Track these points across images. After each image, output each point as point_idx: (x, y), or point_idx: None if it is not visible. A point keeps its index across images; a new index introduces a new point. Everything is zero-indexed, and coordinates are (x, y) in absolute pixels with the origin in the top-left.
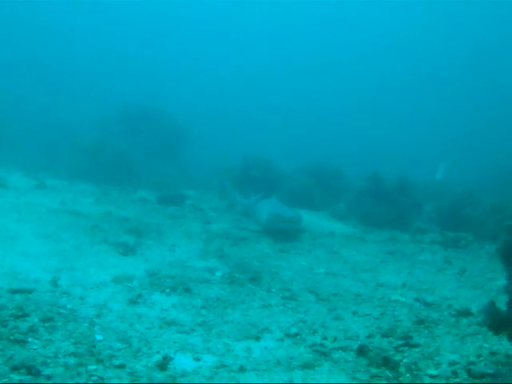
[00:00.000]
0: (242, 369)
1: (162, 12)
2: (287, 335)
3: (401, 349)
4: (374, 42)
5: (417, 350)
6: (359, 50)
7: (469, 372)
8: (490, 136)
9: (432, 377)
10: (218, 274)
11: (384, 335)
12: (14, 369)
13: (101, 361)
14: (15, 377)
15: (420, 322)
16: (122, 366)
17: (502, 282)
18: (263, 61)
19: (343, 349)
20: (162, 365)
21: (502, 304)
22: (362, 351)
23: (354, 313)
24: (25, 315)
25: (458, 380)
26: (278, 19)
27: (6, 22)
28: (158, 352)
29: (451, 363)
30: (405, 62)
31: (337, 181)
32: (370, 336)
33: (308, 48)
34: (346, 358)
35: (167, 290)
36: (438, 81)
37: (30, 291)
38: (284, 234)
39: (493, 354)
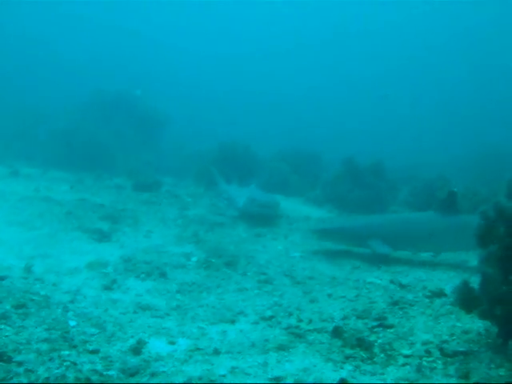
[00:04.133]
0: (216, 352)
1: None
2: (262, 318)
3: (375, 330)
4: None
5: (391, 330)
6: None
7: (441, 351)
8: (467, 123)
9: (406, 356)
10: (194, 259)
11: (359, 317)
12: None
13: (74, 346)
14: None
15: (395, 303)
16: (95, 352)
17: (475, 264)
18: (245, 45)
19: (318, 331)
20: (136, 349)
21: (474, 285)
22: (336, 333)
23: (330, 295)
24: None
25: (431, 359)
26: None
27: None
28: (132, 337)
29: (425, 343)
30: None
31: (313, 166)
32: (345, 318)
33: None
34: (320, 339)
35: (142, 276)
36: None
37: (2, 278)
38: (260, 218)
39: (465, 332)
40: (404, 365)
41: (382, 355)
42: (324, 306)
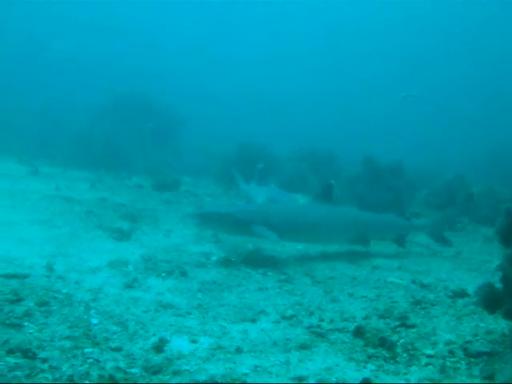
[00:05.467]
0: (238, 350)
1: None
2: (284, 317)
3: (397, 329)
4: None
5: (413, 330)
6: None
7: (465, 351)
8: (482, 123)
9: (429, 356)
10: (214, 258)
11: (381, 316)
12: (10, 352)
13: (97, 344)
14: (11, 360)
15: (416, 302)
16: (118, 349)
17: (497, 263)
18: (258, 45)
19: (340, 330)
20: (159, 347)
21: (497, 285)
22: (358, 332)
23: (351, 295)
24: (20, 299)
25: (454, 359)
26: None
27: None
28: (154, 335)
29: (448, 343)
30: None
31: (330, 165)
32: (366, 317)
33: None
34: (342, 339)
35: (163, 274)
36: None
37: (25, 276)
38: None
39: (489, 332)
40: (427, 365)
41: (405, 355)
42: (345, 306)
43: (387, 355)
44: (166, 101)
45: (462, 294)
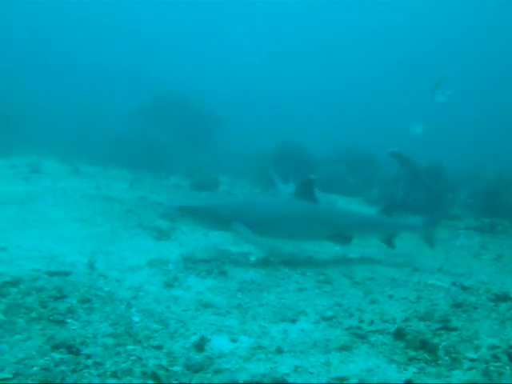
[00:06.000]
0: (279, 350)
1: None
2: (323, 318)
3: (439, 332)
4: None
5: (455, 333)
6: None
7: (510, 356)
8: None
9: (471, 360)
10: (253, 258)
11: (421, 319)
12: (55, 347)
13: (139, 341)
14: (56, 355)
15: (458, 305)
16: (159, 347)
17: None
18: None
19: (380, 332)
20: (199, 346)
21: None
22: (399, 334)
23: (390, 296)
24: (63, 296)
25: (498, 364)
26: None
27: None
28: (194, 333)
29: (491, 347)
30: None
31: (369, 166)
32: (406, 319)
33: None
34: (383, 340)
35: (202, 274)
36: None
37: (67, 273)
38: None
39: None
40: (470, 368)
41: (447, 358)
42: (385, 308)
43: (429, 358)
44: (203, 101)
45: (504, 297)
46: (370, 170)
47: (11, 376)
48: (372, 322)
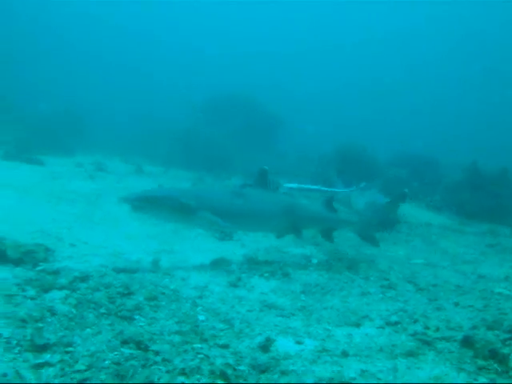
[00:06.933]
0: (344, 354)
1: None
2: (388, 323)
3: (508, 342)
4: None
5: None
6: None
7: None
8: None
9: None
10: (315, 260)
11: (489, 327)
12: (124, 343)
13: (205, 340)
14: (126, 350)
15: None
16: (225, 346)
17: None
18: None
19: (446, 339)
20: (265, 347)
21: None
22: (467, 342)
23: (456, 304)
24: (130, 293)
25: None
26: None
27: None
28: (259, 334)
29: None
30: None
31: (431, 171)
32: (474, 327)
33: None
34: (449, 348)
35: (266, 275)
36: None
37: (133, 271)
38: (380, 223)
39: None
40: None
41: None
42: (451, 315)
43: (499, 369)
44: (263, 101)
45: None
46: (433, 175)
47: (85, 368)
48: (438, 329)
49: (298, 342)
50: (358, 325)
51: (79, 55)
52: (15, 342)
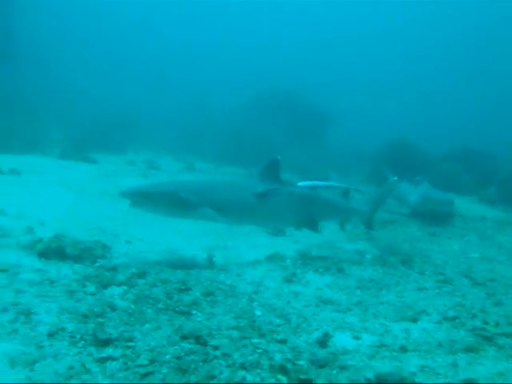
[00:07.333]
0: (403, 349)
1: None
2: (445, 318)
3: None
4: None
5: None
6: None
7: None
8: None
9: None
10: (368, 256)
11: None
12: (184, 338)
13: (262, 335)
14: (186, 345)
15: None
16: (283, 341)
17: None
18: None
19: (507, 335)
20: (323, 342)
21: None
22: None
23: None
24: (187, 289)
25: None
26: None
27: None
28: (316, 329)
29: None
30: None
31: (486, 165)
32: None
33: None
34: (511, 344)
35: (320, 270)
36: None
37: (189, 267)
38: (433, 217)
39: None
40: None
41: None
42: (510, 310)
43: None
44: (311, 97)
45: None
46: (488, 169)
47: (147, 362)
48: (498, 324)
49: (356, 337)
50: (415, 320)
51: (111, 56)
52: (79, 336)
